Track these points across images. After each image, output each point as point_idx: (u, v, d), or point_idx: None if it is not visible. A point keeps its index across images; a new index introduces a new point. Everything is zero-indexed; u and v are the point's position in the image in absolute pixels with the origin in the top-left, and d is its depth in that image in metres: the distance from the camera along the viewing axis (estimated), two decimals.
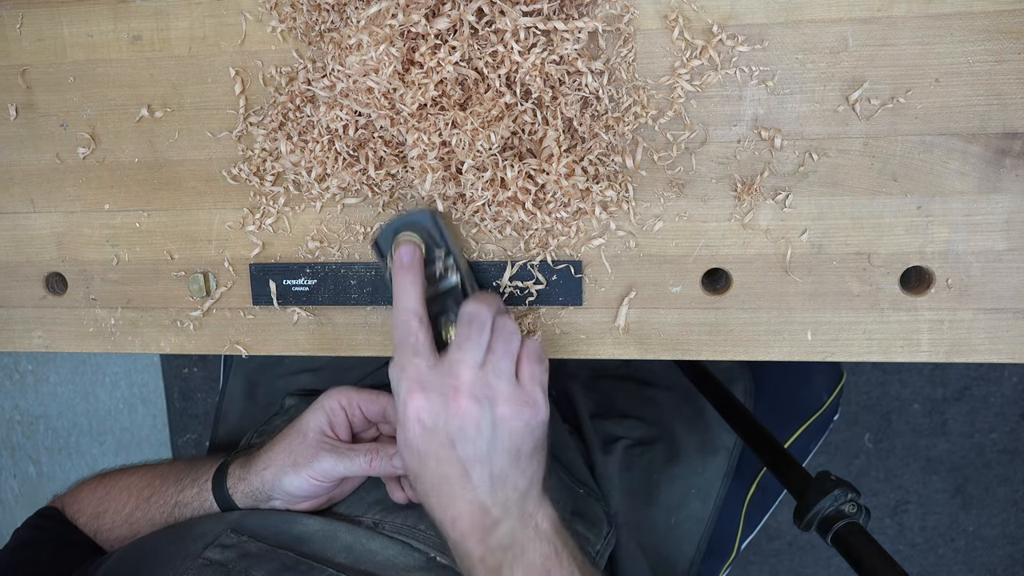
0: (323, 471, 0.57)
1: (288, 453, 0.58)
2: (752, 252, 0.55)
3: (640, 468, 0.77)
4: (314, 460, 0.57)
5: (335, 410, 0.59)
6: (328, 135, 0.54)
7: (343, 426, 0.60)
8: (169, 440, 1.72)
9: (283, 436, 0.60)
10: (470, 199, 0.53)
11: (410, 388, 0.49)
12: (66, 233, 0.63)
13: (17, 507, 1.80)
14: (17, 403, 1.75)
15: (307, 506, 0.60)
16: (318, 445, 0.58)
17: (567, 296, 0.57)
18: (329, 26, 0.54)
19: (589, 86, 0.50)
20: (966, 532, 1.57)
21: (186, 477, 0.63)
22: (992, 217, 0.51)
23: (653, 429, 0.79)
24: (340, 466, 0.57)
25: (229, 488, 0.60)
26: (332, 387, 0.61)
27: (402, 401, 0.50)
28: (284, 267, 0.61)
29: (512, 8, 0.48)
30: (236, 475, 0.60)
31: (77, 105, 0.61)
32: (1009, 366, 1.48)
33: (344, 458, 0.57)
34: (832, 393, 0.85)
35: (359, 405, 0.60)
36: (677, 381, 0.83)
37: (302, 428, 0.59)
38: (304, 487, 0.58)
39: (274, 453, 0.59)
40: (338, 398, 0.60)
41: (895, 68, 0.50)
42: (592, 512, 0.72)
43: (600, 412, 0.81)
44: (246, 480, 0.59)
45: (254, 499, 0.59)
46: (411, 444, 0.50)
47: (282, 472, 0.58)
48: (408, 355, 0.50)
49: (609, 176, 0.54)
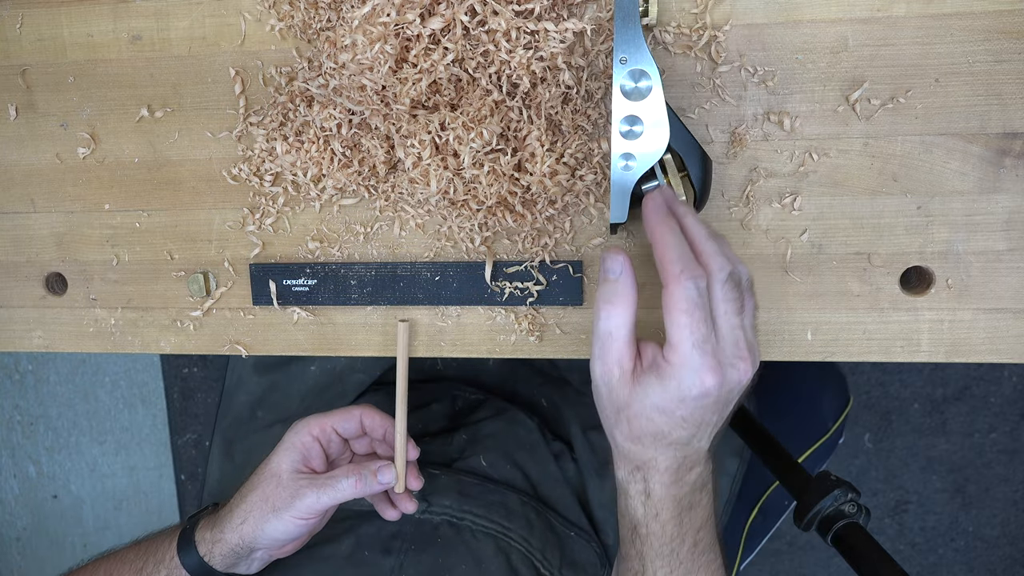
0: (307, 508, 0.54)
1: (264, 500, 0.55)
2: (752, 252, 0.55)
3: None
4: (295, 500, 0.54)
5: (308, 444, 0.57)
6: (324, 134, 0.55)
7: (319, 458, 0.58)
8: (169, 440, 1.72)
9: (254, 484, 0.57)
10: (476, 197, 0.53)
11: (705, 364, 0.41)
12: (66, 233, 0.63)
13: (17, 507, 1.80)
14: (17, 403, 1.75)
15: (290, 548, 0.58)
16: (295, 483, 0.55)
17: (567, 296, 0.57)
18: (325, 24, 0.54)
19: (566, 81, 0.50)
20: (966, 532, 1.57)
21: (146, 564, 0.58)
22: (992, 217, 0.51)
23: None
24: (324, 497, 0.54)
25: (203, 555, 0.56)
26: (297, 421, 0.58)
27: (697, 375, 0.41)
28: (284, 267, 0.61)
29: (505, 8, 0.48)
30: (208, 539, 0.57)
31: (77, 105, 0.61)
32: (1009, 366, 1.48)
33: (327, 489, 0.54)
34: (838, 419, 0.84)
35: (333, 428, 0.58)
36: None
37: (274, 471, 0.56)
38: (290, 530, 0.55)
39: (248, 504, 0.56)
40: (309, 430, 0.57)
41: (895, 68, 0.50)
42: (584, 557, 0.70)
43: (594, 423, 0.78)
44: (221, 540, 0.56)
45: (235, 557, 0.56)
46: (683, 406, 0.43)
47: (263, 521, 0.55)
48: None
49: (587, 158, 0.54)
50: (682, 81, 0.52)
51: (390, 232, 0.59)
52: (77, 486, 1.79)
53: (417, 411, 0.76)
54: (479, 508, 0.67)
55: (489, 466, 0.72)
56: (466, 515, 0.66)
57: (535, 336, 0.59)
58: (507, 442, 0.74)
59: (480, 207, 0.54)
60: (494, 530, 0.66)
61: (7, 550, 1.82)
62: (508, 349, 0.59)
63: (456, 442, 0.74)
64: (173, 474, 1.73)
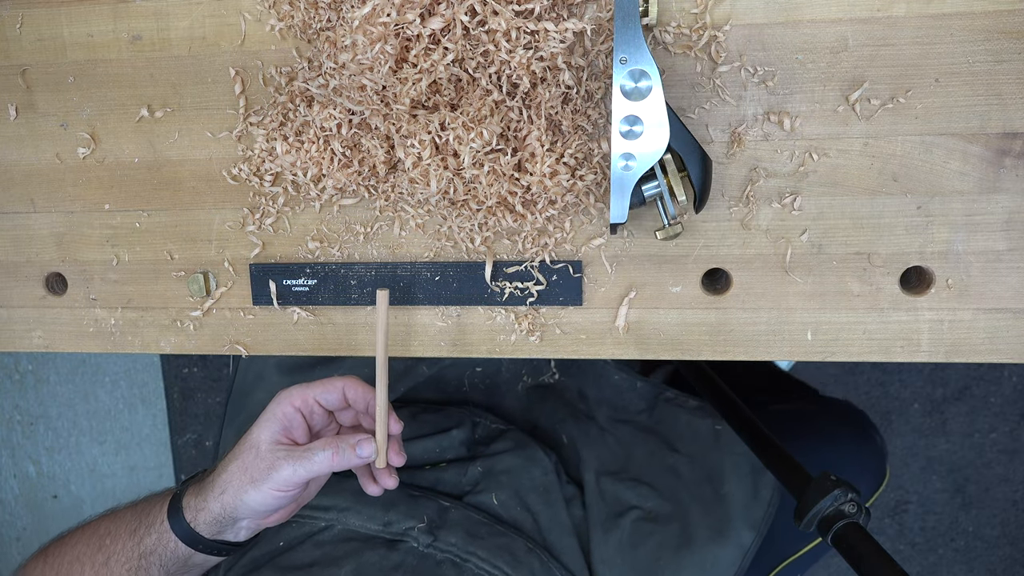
0: (284, 480, 0.54)
1: (243, 471, 0.55)
2: (752, 252, 0.55)
3: (649, 548, 0.72)
4: (272, 472, 0.54)
5: (289, 415, 0.56)
6: (324, 134, 0.55)
7: (300, 429, 0.57)
8: (169, 440, 1.72)
9: (235, 455, 0.56)
10: (477, 197, 0.53)
11: None
12: (66, 233, 0.63)
13: (17, 507, 1.80)
14: (17, 403, 1.75)
15: (276, 518, 0.58)
16: (272, 455, 0.54)
17: (567, 296, 0.57)
18: (325, 24, 0.54)
19: (565, 81, 0.50)
20: (966, 532, 1.57)
21: (139, 526, 0.58)
22: (992, 217, 0.51)
23: (667, 505, 0.74)
24: (301, 470, 0.54)
25: (189, 521, 0.56)
26: (279, 392, 0.57)
27: None
28: (284, 267, 0.61)
29: (505, 8, 0.48)
30: (193, 506, 0.57)
31: (77, 105, 0.61)
32: (1009, 366, 1.48)
33: (304, 461, 0.54)
34: (871, 498, 0.81)
35: (316, 400, 0.57)
36: (703, 454, 0.78)
37: (253, 442, 0.56)
38: (268, 501, 0.55)
39: (228, 474, 0.55)
40: (291, 401, 0.56)
41: (895, 68, 0.50)
42: None
43: (612, 470, 0.77)
44: (205, 509, 0.56)
45: (220, 526, 0.56)
46: None
47: (241, 491, 0.55)
48: None
49: (587, 158, 0.54)
50: (682, 81, 0.52)
51: (390, 232, 0.59)
52: (77, 486, 1.79)
53: (437, 435, 0.75)
54: (485, 551, 0.66)
55: (500, 505, 0.71)
56: (471, 557, 0.65)
57: (535, 336, 0.59)
58: (521, 481, 0.73)
59: (480, 207, 0.54)
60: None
61: (7, 550, 1.82)
62: (508, 349, 0.59)
63: (471, 474, 0.73)
64: (173, 474, 1.73)
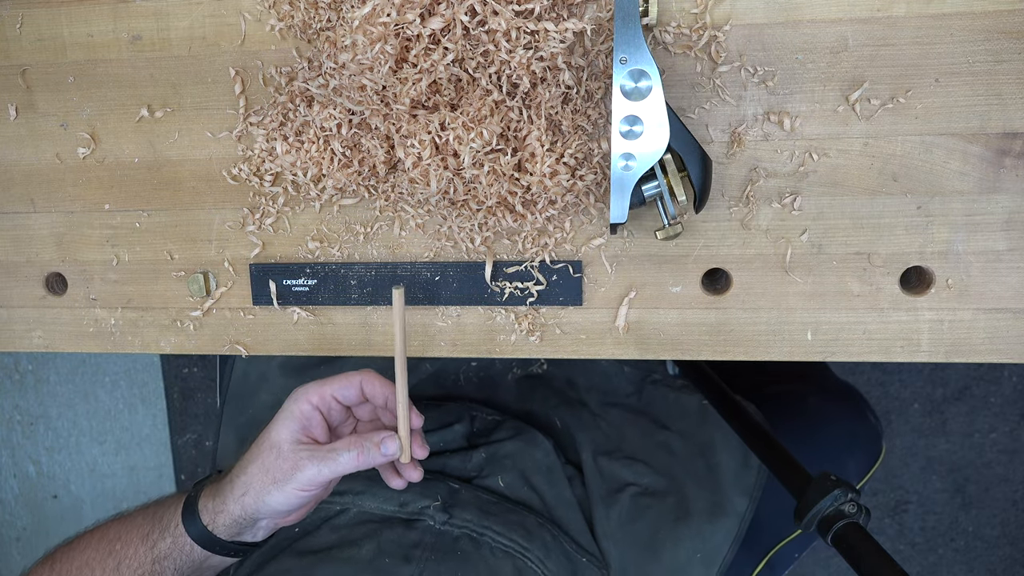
0: (308, 480, 0.53)
1: (265, 472, 0.54)
2: (752, 252, 0.55)
3: (647, 521, 0.74)
4: (296, 472, 0.53)
5: (308, 412, 0.56)
6: (324, 134, 0.55)
7: (320, 427, 0.57)
8: (169, 440, 1.72)
9: (254, 455, 0.56)
10: (476, 197, 0.53)
11: None
12: (66, 233, 0.63)
13: (17, 507, 1.80)
14: (17, 403, 1.75)
15: (296, 516, 0.58)
16: (295, 455, 0.54)
17: (567, 296, 0.57)
18: (325, 24, 0.54)
19: (565, 81, 0.50)
20: (966, 532, 1.57)
21: (152, 530, 0.58)
22: (992, 217, 0.51)
23: (662, 480, 0.76)
24: (325, 470, 0.53)
25: (206, 524, 0.56)
26: (296, 389, 0.57)
27: None
28: (284, 267, 0.61)
29: (505, 8, 0.48)
30: (211, 508, 0.56)
31: (77, 105, 0.61)
32: (1009, 366, 1.48)
33: (328, 461, 0.53)
34: (863, 478, 0.82)
35: (333, 396, 0.57)
36: (693, 430, 0.80)
37: (273, 442, 0.55)
38: (291, 501, 0.54)
39: (249, 476, 0.55)
40: (308, 399, 0.56)
41: (895, 68, 0.50)
42: None
43: (607, 450, 0.78)
44: (224, 511, 0.56)
45: (239, 526, 0.56)
46: None
47: (264, 493, 0.54)
48: None
49: (587, 158, 0.54)
50: (682, 81, 0.52)
51: (390, 232, 0.59)
52: (77, 486, 1.79)
53: (439, 431, 0.76)
54: (499, 526, 0.66)
55: (507, 487, 0.72)
56: (486, 531, 0.66)
57: (535, 336, 0.59)
58: (524, 463, 0.74)
59: (480, 207, 0.54)
60: (513, 549, 0.65)
61: (7, 550, 1.82)
62: (508, 349, 0.59)
63: (475, 460, 0.74)
64: (173, 474, 1.73)
